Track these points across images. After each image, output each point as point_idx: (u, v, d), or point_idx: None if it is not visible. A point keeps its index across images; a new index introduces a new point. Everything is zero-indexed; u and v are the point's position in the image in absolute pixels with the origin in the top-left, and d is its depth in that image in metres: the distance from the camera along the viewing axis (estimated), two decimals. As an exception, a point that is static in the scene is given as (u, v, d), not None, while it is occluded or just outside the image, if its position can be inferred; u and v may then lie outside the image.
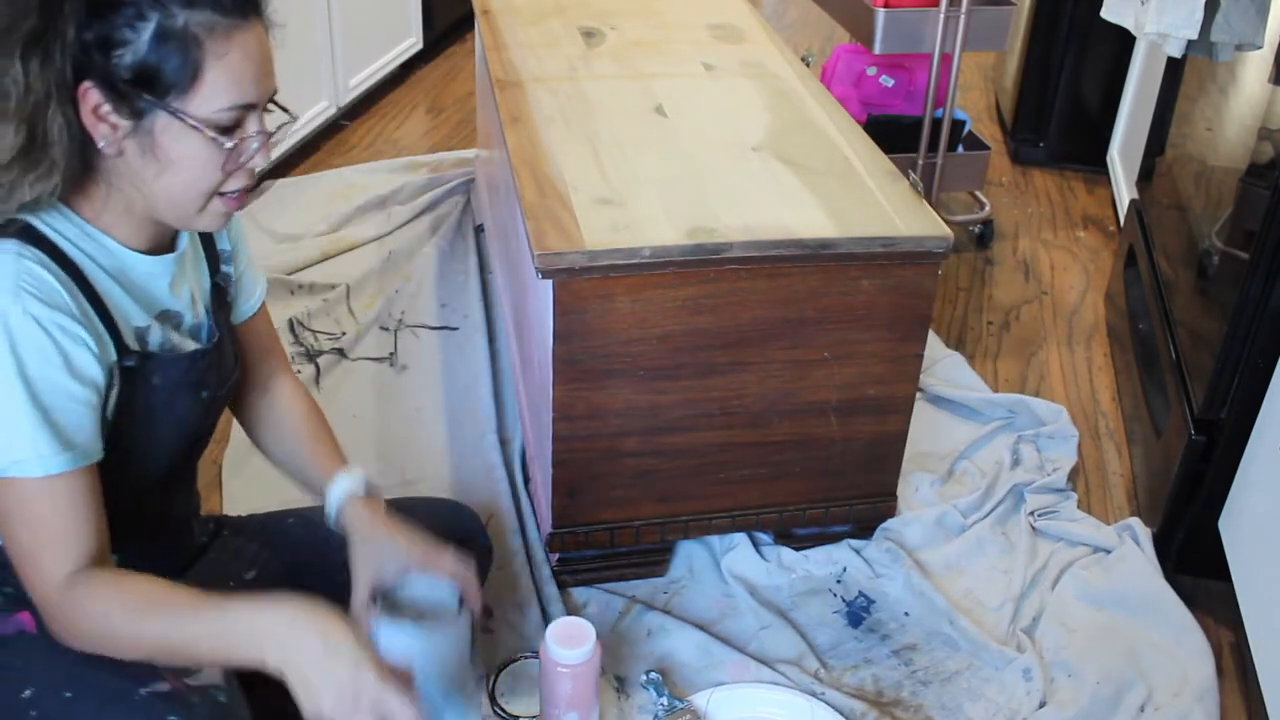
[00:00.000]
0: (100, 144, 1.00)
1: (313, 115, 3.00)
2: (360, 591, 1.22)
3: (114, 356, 1.06)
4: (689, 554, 1.77)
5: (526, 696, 1.49)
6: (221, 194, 1.07)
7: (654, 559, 1.72)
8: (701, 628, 1.62)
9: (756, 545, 1.76)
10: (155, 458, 1.16)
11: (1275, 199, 1.49)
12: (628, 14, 2.27)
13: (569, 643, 1.35)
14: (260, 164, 1.08)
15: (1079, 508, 1.90)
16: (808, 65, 2.18)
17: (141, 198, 1.05)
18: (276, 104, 1.08)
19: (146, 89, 0.99)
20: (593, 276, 1.43)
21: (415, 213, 2.71)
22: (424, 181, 2.84)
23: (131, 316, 1.09)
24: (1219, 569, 1.65)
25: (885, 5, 2.37)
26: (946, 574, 1.74)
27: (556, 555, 1.66)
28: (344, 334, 2.27)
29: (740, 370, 1.55)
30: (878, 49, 2.42)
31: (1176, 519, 1.74)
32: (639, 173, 1.62)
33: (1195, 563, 1.74)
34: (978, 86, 3.89)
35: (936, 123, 2.56)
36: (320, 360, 2.19)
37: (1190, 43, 1.76)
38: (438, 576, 1.24)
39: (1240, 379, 1.60)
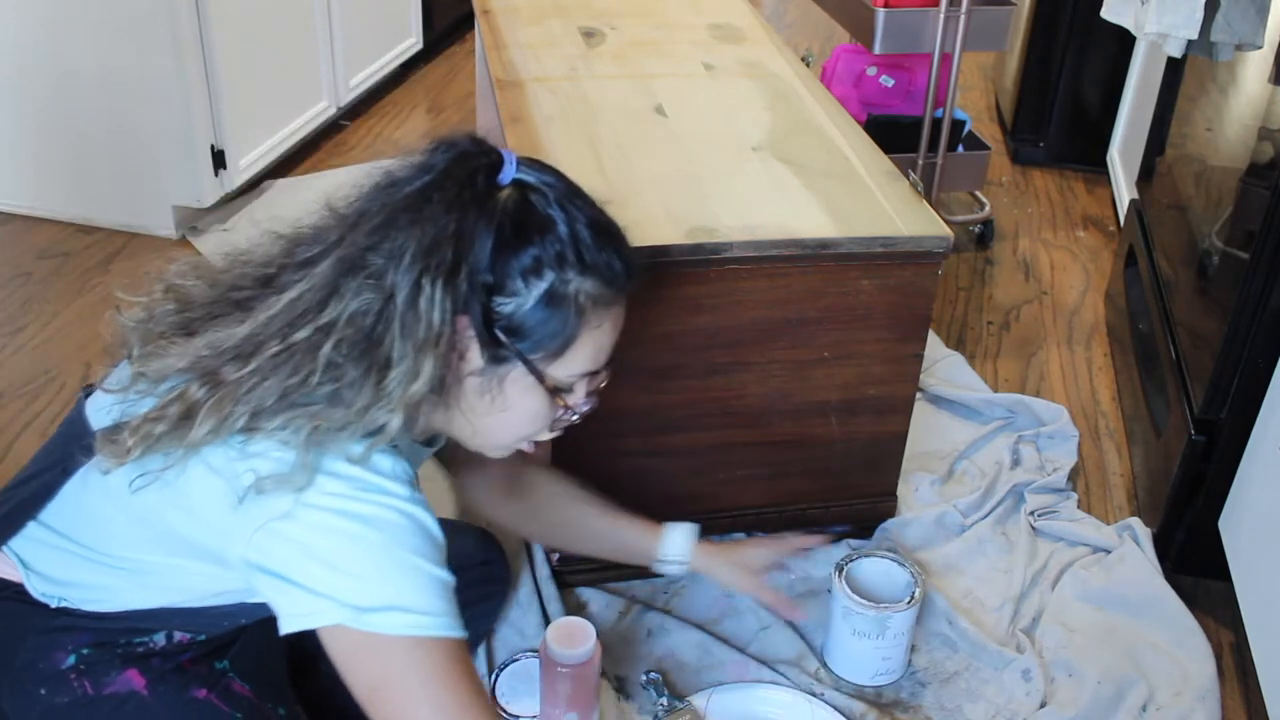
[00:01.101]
0: (445, 374, 0.98)
1: (312, 115, 3.00)
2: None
3: None
4: (689, 554, 1.76)
5: (527, 697, 1.49)
6: (524, 441, 1.07)
7: (654, 559, 1.72)
8: (701, 628, 1.62)
9: (756, 545, 1.76)
10: None
11: (1275, 199, 1.49)
12: (628, 14, 2.27)
13: (568, 643, 1.35)
14: (576, 420, 1.09)
15: (1079, 508, 1.90)
16: (808, 65, 2.18)
17: (453, 421, 1.04)
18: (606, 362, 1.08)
19: (518, 341, 0.98)
20: (593, 276, 1.43)
21: (415, 213, 2.71)
22: (424, 181, 2.83)
23: None
24: (1219, 569, 1.65)
25: (885, 5, 2.37)
26: (946, 574, 1.74)
27: (556, 555, 1.66)
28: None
29: (740, 370, 1.55)
30: (878, 49, 2.42)
31: (1176, 519, 1.74)
32: (639, 173, 1.62)
33: (1195, 563, 1.74)
34: (978, 86, 3.89)
35: (936, 123, 2.56)
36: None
37: (1190, 43, 1.76)
38: None
39: (1240, 379, 1.60)
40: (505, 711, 1.48)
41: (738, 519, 1.69)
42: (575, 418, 1.08)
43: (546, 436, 1.09)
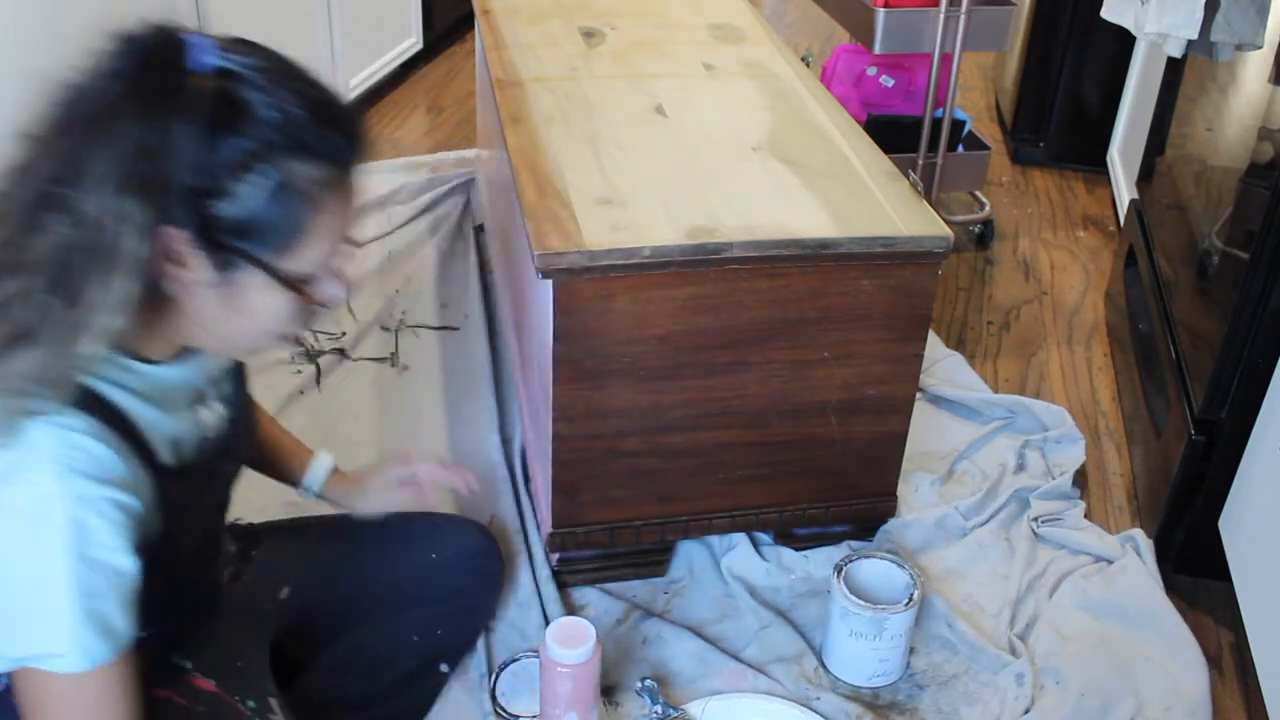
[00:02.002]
0: (166, 287, 0.91)
1: (313, 115, 3.00)
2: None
3: (155, 491, 0.98)
4: (689, 554, 1.76)
5: (527, 696, 1.49)
6: (278, 338, 1.00)
7: (654, 559, 1.72)
8: (700, 630, 1.62)
9: (756, 545, 1.76)
10: (191, 541, 1.12)
11: (1275, 199, 1.49)
12: (628, 14, 2.27)
13: (569, 643, 1.35)
14: (338, 301, 1.01)
15: (1084, 515, 1.89)
16: (808, 65, 2.18)
17: (191, 332, 0.98)
18: (347, 239, 0.99)
19: (243, 242, 0.90)
20: (593, 276, 1.43)
21: (415, 213, 2.71)
22: (424, 181, 2.84)
23: (166, 430, 1.01)
24: (1219, 569, 1.65)
25: (885, 5, 2.37)
26: (947, 578, 1.74)
27: (556, 555, 1.66)
28: (344, 334, 2.27)
29: (740, 370, 1.55)
30: (878, 49, 2.42)
31: (1176, 519, 1.74)
32: (639, 173, 1.62)
33: (1195, 563, 1.74)
34: (978, 86, 3.89)
35: (936, 123, 2.56)
36: (321, 361, 2.19)
37: (1190, 43, 1.76)
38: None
39: (1240, 379, 1.60)
40: (505, 711, 1.48)
41: (738, 519, 1.70)
42: (326, 306, 1.00)
43: (297, 330, 1.00)
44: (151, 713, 1.04)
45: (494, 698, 1.49)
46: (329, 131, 0.92)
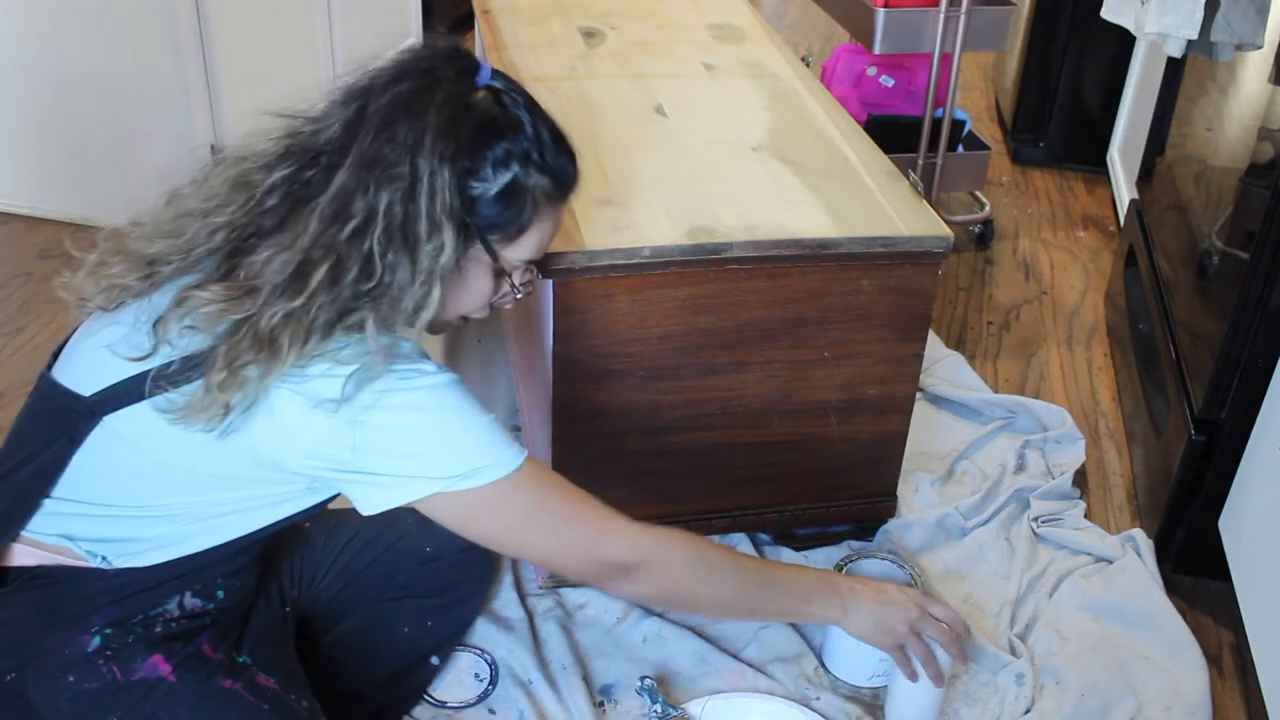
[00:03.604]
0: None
1: (313, 115, 3.00)
2: None
3: None
4: (689, 554, 1.76)
5: (457, 688, 1.50)
6: (461, 317, 1.21)
7: (654, 559, 1.72)
8: (700, 629, 1.62)
9: (757, 545, 1.76)
10: None
11: (1275, 199, 1.49)
12: (628, 14, 2.27)
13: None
14: (508, 306, 1.23)
15: (1085, 515, 1.89)
16: (808, 65, 2.18)
17: None
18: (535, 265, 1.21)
19: (479, 221, 1.10)
20: (593, 276, 1.43)
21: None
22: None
23: None
24: (1219, 569, 1.65)
25: (885, 5, 2.37)
26: (948, 578, 1.74)
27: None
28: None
29: (740, 370, 1.55)
30: (878, 49, 2.42)
31: (1176, 519, 1.74)
32: (639, 173, 1.62)
33: (1195, 563, 1.74)
34: (978, 86, 3.89)
35: (936, 123, 2.56)
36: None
37: (1190, 43, 1.76)
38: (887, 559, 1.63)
39: (1240, 379, 1.60)
40: (432, 698, 1.48)
41: (738, 519, 1.69)
42: (509, 302, 1.21)
43: (482, 314, 1.21)
44: (220, 703, 1.14)
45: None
46: (563, 158, 1.16)
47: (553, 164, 1.14)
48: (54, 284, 1.16)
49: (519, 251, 1.15)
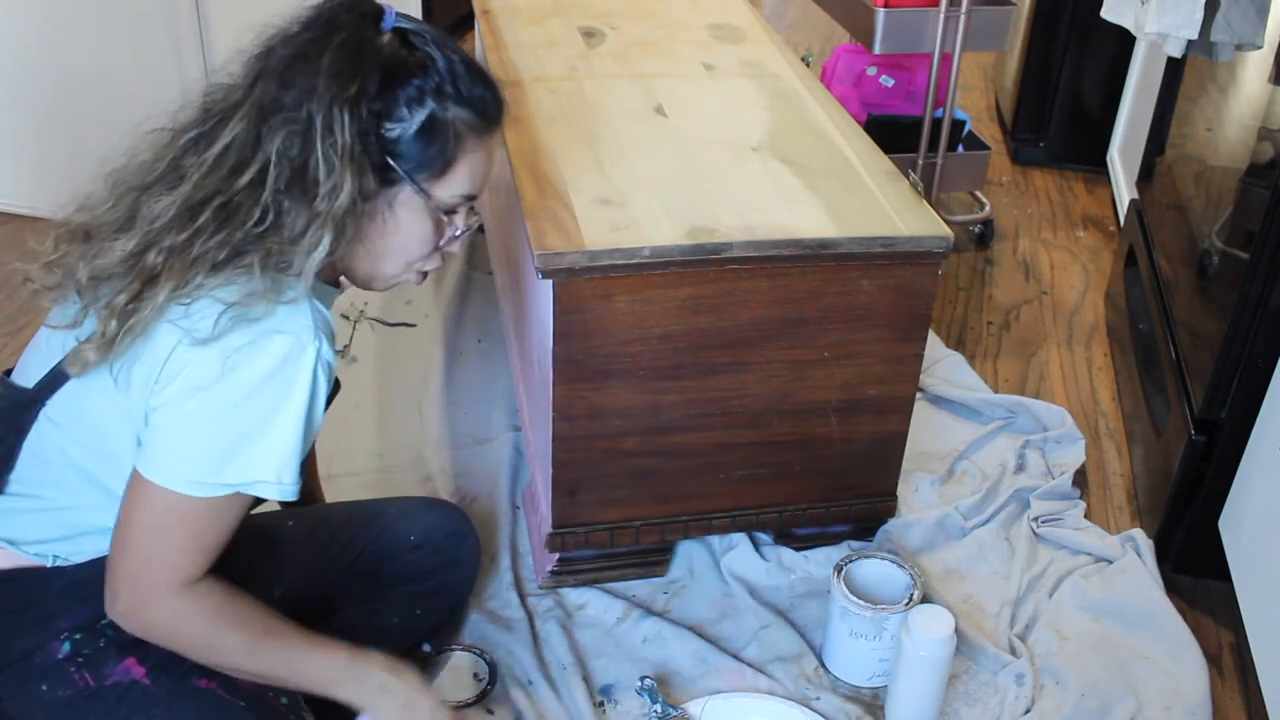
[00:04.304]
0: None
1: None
2: None
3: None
4: (689, 554, 1.76)
5: (452, 688, 1.51)
6: (413, 269, 1.19)
7: (654, 559, 1.72)
8: (700, 629, 1.62)
9: (756, 545, 1.76)
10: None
11: (1275, 199, 1.49)
12: (628, 14, 2.27)
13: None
14: (456, 251, 1.23)
15: (1085, 516, 1.89)
16: (808, 65, 2.18)
17: (351, 253, 1.15)
18: (474, 204, 1.22)
19: (403, 163, 1.11)
20: (593, 276, 1.43)
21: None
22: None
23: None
24: (1219, 569, 1.65)
25: (885, 5, 2.37)
26: (948, 579, 1.74)
27: (556, 555, 1.66)
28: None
29: (740, 370, 1.55)
30: (878, 49, 2.42)
31: (1176, 519, 1.74)
32: (639, 173, 1.62)
33: (1195, 563, 1.74)
34: (978, 86, 3.89)
35: (936, 123, 2.56)
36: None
37: (1190, 43, 1.76)
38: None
39: (1240, 379, 1.60)
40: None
41: (738, 519, 1.69)
42: (455, 241, 1.20)
43: (433, 264, 1.20)
44: (197, 703, 1.13)
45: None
46: (481, 88, 1.14)
47: (469, 94, 1.13)
48: (18, 284, 1.18)
49: (451, 188, 1.15)
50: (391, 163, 1.10)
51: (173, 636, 1.11)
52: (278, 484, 1.08)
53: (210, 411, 1.05)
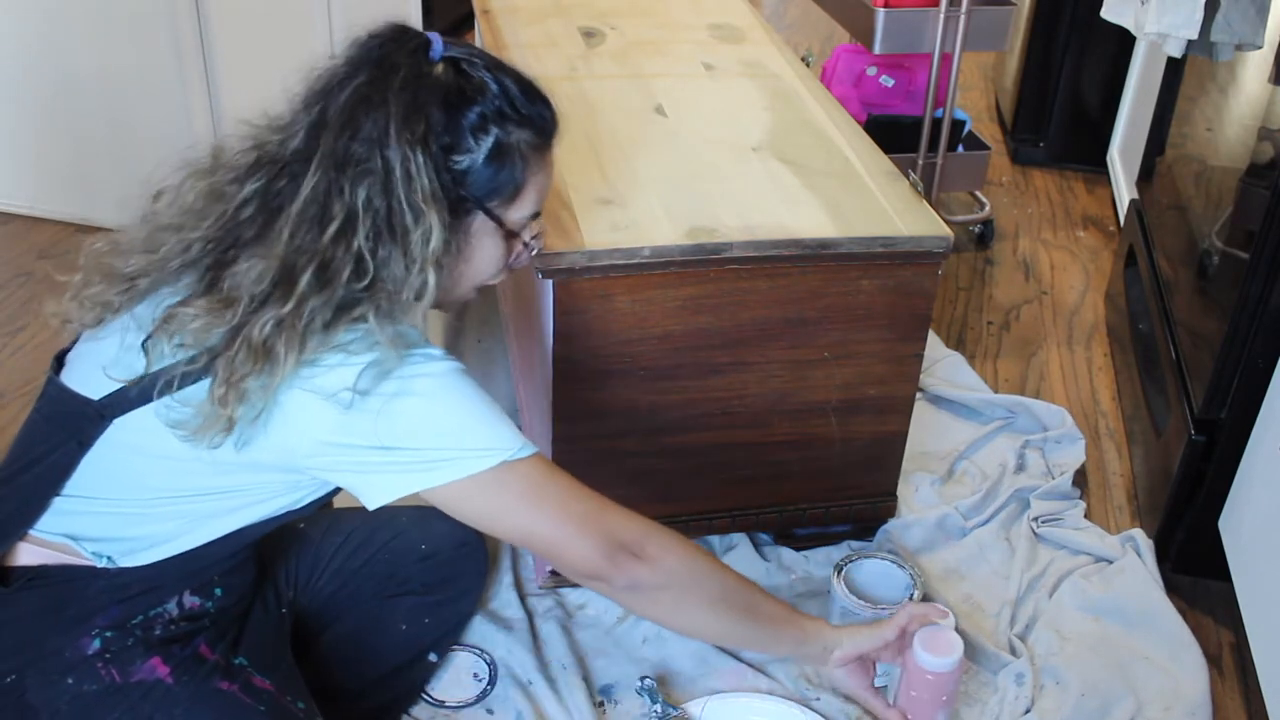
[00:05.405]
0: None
1: (313, 115, 3.00)
2: None
3: None
4: (689, 554, 1.76)
5: (455, 687, 1.51)
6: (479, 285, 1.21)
7: (654, 559, 1.72)
8: (701, 628, 1.62)
9: (757, 545, 1.76)
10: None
11: (1275, 199, 1.49)
12: (628, 14, 2.27)
13: (939, 652, 1.37)
14: (525, 263, 1.24)
15: (1085, 515, 1.88)
16: (808, 65, 2.18)
17: None
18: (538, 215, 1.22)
19: (475, 191, 1.11)
20: (593, 276, 1.43)
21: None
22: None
23: None
24: (1219, 569, 1.65)
25: (885, 5, 2.37)
26: (948, 578, 1.74)
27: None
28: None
29: (740, 370, 1.55)
30: (878, 49, 2.42)
31: (1176, 519, 1.74)
32: (639, 173, 1.62)
33: (1195, 563, 1.74)
34: (978, 86, 3.89)
35: (936, 123, 2.56)
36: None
37: (1190, 43, 1.76)
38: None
39: (1240, 379, 1.60)
40: (430, 697, 1.48)
41: (738, 519, 1.70)
42: (525, 259, 1.22)
43: (499, 279, 1.22)
44: (217, 704, 1.15)
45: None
46: (538, 105, 1.14)
47: (528, 114, 1.13)
48: (44, 312, 1.17)
49: (522, 209, 1.16)
50: (464, 194, 1.10)
51: (668, 559, 1.21)
52: (521, 441, 1.12)
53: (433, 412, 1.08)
